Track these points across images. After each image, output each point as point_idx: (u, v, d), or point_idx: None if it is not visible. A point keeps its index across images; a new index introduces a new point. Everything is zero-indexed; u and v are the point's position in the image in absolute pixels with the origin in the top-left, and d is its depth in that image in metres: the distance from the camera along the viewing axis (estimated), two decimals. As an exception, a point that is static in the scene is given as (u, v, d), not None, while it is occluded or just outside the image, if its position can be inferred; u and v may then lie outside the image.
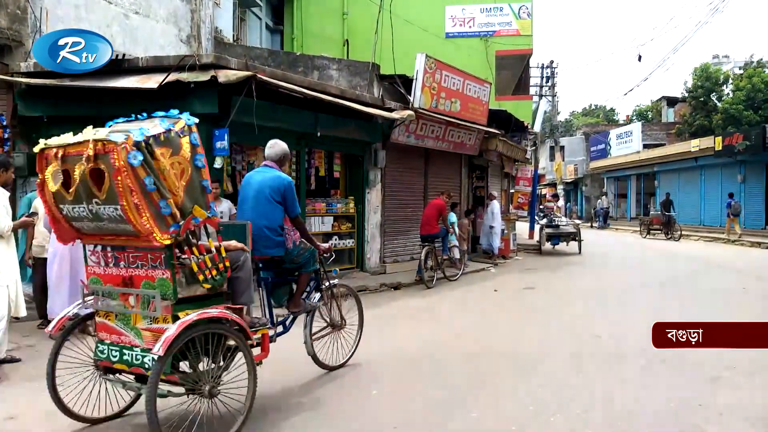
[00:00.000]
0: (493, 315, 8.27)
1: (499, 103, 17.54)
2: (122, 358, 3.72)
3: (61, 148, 3.74)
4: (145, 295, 3.57)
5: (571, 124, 59.38)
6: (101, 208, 3.48)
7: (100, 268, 3.91)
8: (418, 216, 11.83)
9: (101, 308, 3.84)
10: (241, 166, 9.36)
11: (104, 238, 3.74)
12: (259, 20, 17.34)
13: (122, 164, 3.27)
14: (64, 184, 3.61)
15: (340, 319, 5.53)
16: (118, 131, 3.48)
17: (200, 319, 3.55)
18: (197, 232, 3.73)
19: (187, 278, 3.60)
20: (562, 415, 4.26)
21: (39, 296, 6.47)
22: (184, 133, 3.82)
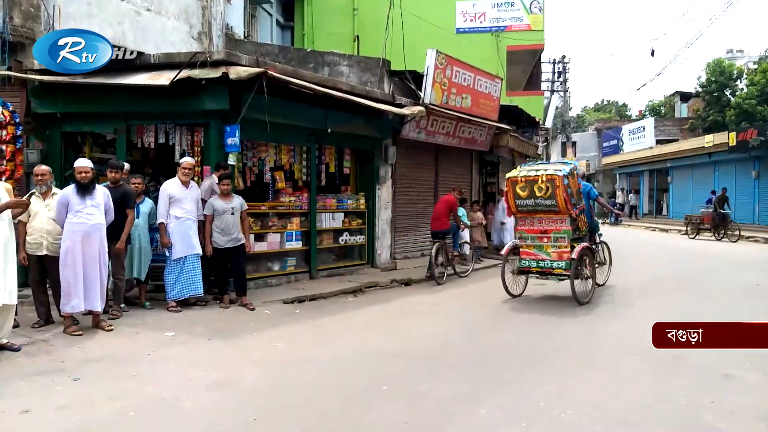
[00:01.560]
0: (504, 311, 8.24)
1: (510, 98, 17.47)
2: (537, 265, 8.43)
3: (524, 177, 8.30)
4: (557, 237, 8.22)
5: (583, 119, 58.98)
6: (539, 200, 8.14)
7: (526, 226, 8.49)
8: (428, 212, 11.81)
9: (526, 244, 8.50)
10: (252, 163, 9.39)
11: (534, 214, 8.35)
12: (270, 17, 17.37)
13: (559, 184, 7.96)
14: (521, 189, 8.26)
15: (605, 258, 9.88)
16: (557, 169, 8.18)
17: (584, 247, 8.30)
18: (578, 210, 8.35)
19: (575, 230, 8.24)
20: (573, 412, 4.24)
21: (38, 294, 6.47)
22: (575, 172, 8.42)
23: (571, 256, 8.04)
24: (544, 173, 8.09)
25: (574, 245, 8.18)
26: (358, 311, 8.01)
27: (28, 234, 6.28)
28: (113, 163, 7.29)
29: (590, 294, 8.47)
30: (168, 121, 8.38)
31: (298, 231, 9.82)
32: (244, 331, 6.62)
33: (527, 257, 8.50)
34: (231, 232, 7.74)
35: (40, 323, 6.42)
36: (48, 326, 6.41)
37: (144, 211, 7.49)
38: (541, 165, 8.69)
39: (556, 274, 8.38)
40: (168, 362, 5.39)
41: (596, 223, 9.49)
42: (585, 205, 8.72)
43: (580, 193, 8.58)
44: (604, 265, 9.84)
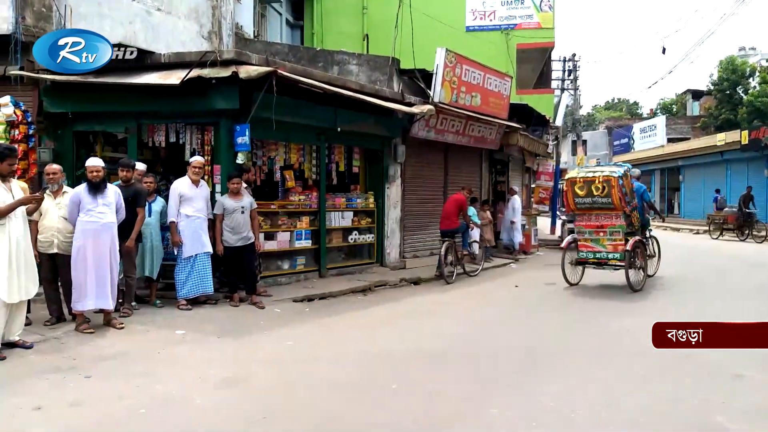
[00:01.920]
0: (514, 311, 8.22)
1: (520, 97, 17.40)
2: (594, 256, 9.45)
3: (582, 178, 9.32)
4: (612, 231, 9.21)
5: (593, 118, 58.66)
6: (596, 198, 9.10)
7: (584, 222, 9.54)
8: (438, 211, 11.79)
9: (584, 238, 9.53)
10: (262, 162, 9.41)
11: (591, 211, 9.36)
12: (280, 16, 17.41)
13: (615, 183, 8.91)
14: (579, 189, 9.24)
15: (654, 251, 10.58)
16: (612, 171, 9.17)
17: (637, 240, 9.21)
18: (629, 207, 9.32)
19: (629, 225, 9.24)
20: (584, 412, 4.22)
21: (49, 292, 6.51)
22: (629, 173, 9.41)
23: (626, 248, 9.07)
24: (601, 174, 9.18)
25: (628, 239, 9.20)
26: (367, 310, 8.02)
27: (40, 233, 6.33)
28: (124, 162, 7.33)
29: (642, 282, 9.37)
30: (178, 121, 8.42)
31: (308, 230, 9.84)
32: (254, 329, 6.65)
33: (585, 249, 9.61)
34: (241, 231, 7.76)
35: (51, 321, 6.48)
36: (60, 324, 6.46)
37: (156, 210, 7.53)
38: (598, 167, 9.97)
39: (612, 264, 9.41)
40: (178, 360, 5.42)
41: (647, 219, 10.29)
42: (638, 204, 9.62)
43: (633, 192, 9.46)
44: (654, 258, 10.59)
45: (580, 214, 9.66)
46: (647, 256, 9.94)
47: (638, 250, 9.40)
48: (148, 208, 7.38)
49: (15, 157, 5.65)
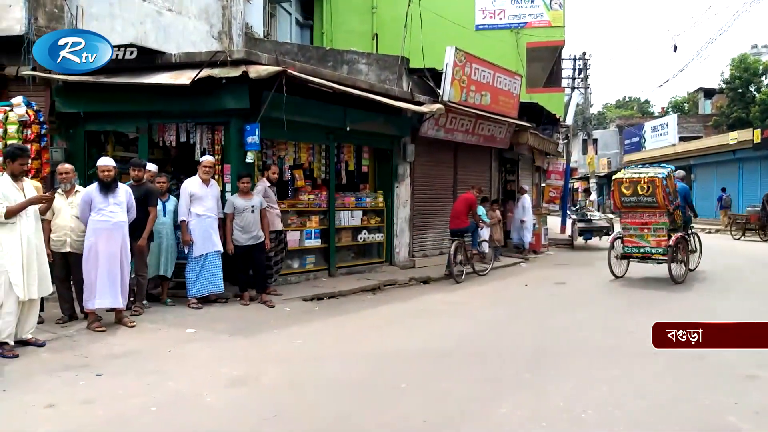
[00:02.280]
0: (523, 310, 8.19)
1: (530, 95, 17.32)
2: (638, 251, 10.11)
3: (628, 178, 10.03)
4: (656, 228, 9.86)
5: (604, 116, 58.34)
6: (642, 197, 9.78)
7: (629, 219, 10.24)
8: (447, 210, 11.78)
9: (629, 234, 10.21)
10: (272, 161, 9.43)
11: (636, 209, 10.01)
12: (289, 15, 17.44)
13: (659, 184, 9.61)
14: (625, 189, 9.92)
15: (696, 247, 11.16)
16: (657, 172, 9.84)
17: (679, 236, 9.80)
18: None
19: (672, 222, 9.82)
20: (594, 412, 4.20)
21: (62, 290, 6.56)
22: (672, 174, 9.98)
23: (669, 243, 9.78)
24: (646, 175, 9.90)
25: (671, 235, 9.88)
26: (376, 309, 8.02)
27: (53, 232, 6.38)
28: (135, 161, 7.39)
29: (684, 275, 10.09)
30: (189, 120, 8.46)
31: (317, 229, 9.86)
32: (264, 328, 6.67)
33: (630, 245, 10.33)
34: (251, 230, 7.79)
35: (64, 319, 6.53)
36: (72, 322, 6.52)
37: (170, 210, 7.58)
38: (643, 168, 10.67)
39: (655, 258, 10.13)
40: (189, 358, 5.45)
41: (689, 217, 10.87)
42: (680, 202, 10.25)
43: (676, 192, 10.13)
44: (695, 253, 11.24)
45: (625, 212, 10.38)
46: (689, 251, 10.62)
47: (680, 245, 10.06)
48: (163, 207, 7.44)
49: (26, 157, 5.69)
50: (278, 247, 8.57)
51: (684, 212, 10.48)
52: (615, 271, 10.47)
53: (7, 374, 4.84)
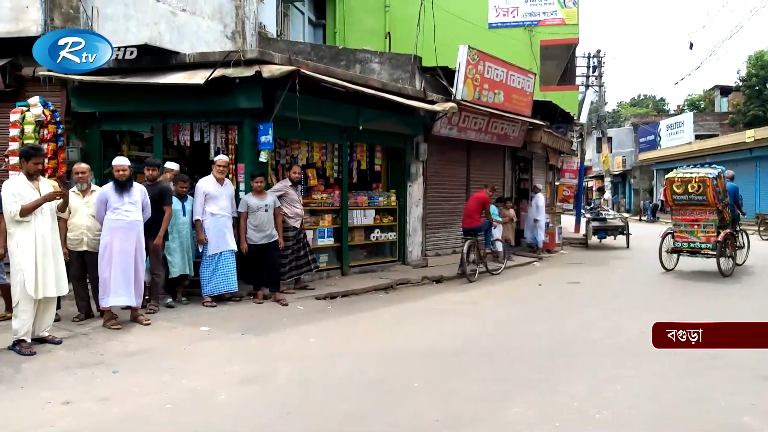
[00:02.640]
0: (537, 309, 8.15)
1: (543, 93, 17.22)
2: (688, 246, 10.81)
3: (680, 177, 10.71)
4: (706, 225, 10.54)
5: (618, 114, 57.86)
6: (693, 195, 10.51)
7: (680, 216, 10.93)
8: (460, 209, 11.75)
9: (680, 230, 10.90)
10: (285, 160, 9.47)
11: (687, 206, 10.71)
12: (302, 15, 17.47)
13: (709, 183, 10.29)
14: (677, 187, 10.70)
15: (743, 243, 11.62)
16: (707, 172, 10.49)
17: (728, 232, 10.47)
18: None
19: (721, 219, 10.47)
20: (608, 412, 4.17)
21: (78, 289, 6.63)
22: (722, 174, 10.56)
23: (717, 239, 10.40)
24: (697, 175, 10.56)
25: (720, 231, 10.47)
26: (389, 308, 8.03)
27: (69, 230, 6.46)
28: (150, 161, 7.45)
29: (731, 269, 10.69)
30: (203, 120, 8.52)
31: (330, 228, 9.88)
32: (277, 326, 6.70)
33: (680, 240, 11.00)
34: (265, 229, 7.84)
35: (80, 317, 6.61)
36: (88, 320, 6.59)
37: (190, 209, 7.62)
38: (694, 168, 11.35)
39: (704, 253, 10.72)
40: (203, 356, 5.49)
41: (738, 214, 11.37)
42: (730, 201, 10.81)
43: (726, 191, 10.73)
44: (743, 249, 11.78)
45: (676, 209, 11.10)
46: (737, 247, 11.26)
47: (728, 241, 10.70)
48: (182, 207, 7.47)
49: (41, 156, 5.74)
50: (298, 244, 8.58)
51: (732, 210, 10.97)
52: (666, 265, 11.13)
53: (24, 371, 4.91)
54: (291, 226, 8.44)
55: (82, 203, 6.52)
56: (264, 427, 3.88)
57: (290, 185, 8.41)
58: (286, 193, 8.35)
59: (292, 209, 8.42)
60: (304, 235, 8.76)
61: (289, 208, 8.39)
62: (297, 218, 8.51)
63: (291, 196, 8.41)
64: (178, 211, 7.39)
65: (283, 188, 8.34)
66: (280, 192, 8.31)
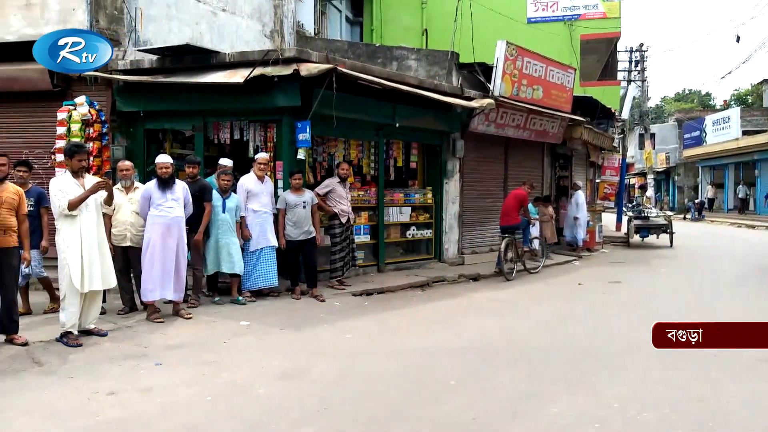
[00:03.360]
0: (576, 309, 8.02)
1: (584, 89, 16.91)
2: None
3: None
4: None
5: (662, 110, 56.36)
6: None
7: None
8: (497, 206, 11.64)
9: None
10: (322, 158, 9.55)
11: None
12: (339, 13, 17.56)
13: None
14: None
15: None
16: None
17: None
18: None
19: None
20: (650, 414, 4.07)
21: (122, 283, 6.77)
22: None
23: None
24: None
25: None
26: (425, 305, 8.01)
27: (114, 226, 6.64)
28: (191, 158, 7.60)
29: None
30: (242, 118, 8.65)
31: (366, 225, 9.92)
32: (315, 322, 6.76)
33: None
34: (303, 226, 7.91)
35: (124, 310, 6.80)
36: (132, 313, 6.78)
37: (230, 207, 7.67)
38: None
39: None
40: (242, 350, 5.58)
41: None
42: None
43: None
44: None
45: None
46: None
47: None
48: (222, 204, 7.47)
49: (84, 153, 5.89)
50: (345, 241, 8.62)
51: None
52: None
53: (71, 362, 5.08)
54: (338, 223, 8.48)
55: (126, 200, 6.70)
56: (301, 422, 3.92)
57: (338, 182, 8.49)
58: (333, 189, 8.43)
59: (339, 206, 8.48)
60: (351, 232, 8.79)
61: (336, 204, 8.45)
62: (344, 215, 8.56)
63: (338, 192, 8.48)
64: (217, 207, 7.45)
65: (330, 185, 8.43)
66: (328, 188, 8.38)
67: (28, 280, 6.68)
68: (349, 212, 8.68)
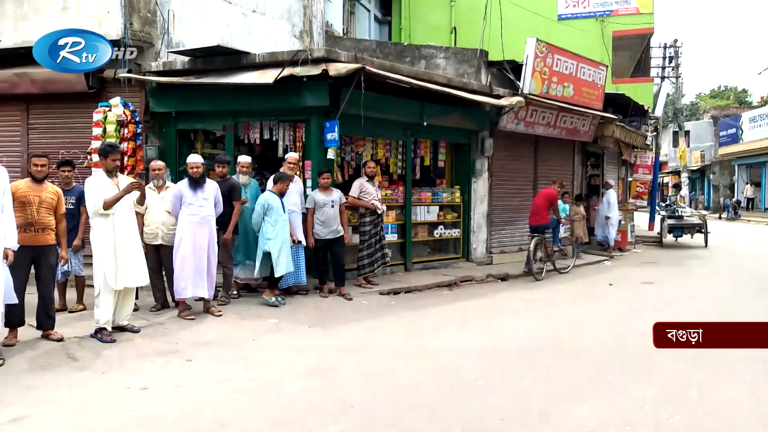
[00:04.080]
0: (607, 309, 7.90)
1: (616, 86, 16.63)
2: None
3: None
4: None
5: (697, 107, 55.05)
6: None
7: None
8: (526, 206, 11.53)
9: None
10: (350, 157, 9.59)
11: None
12: (368, 12, 17.59)
13: None
14: None
15: None
16: None
17: None
18: None
19: None
20: (682, 417, 3.99)
21: (154, 280, 6.90)
22: None
23: None
24: None
25: None
26: (453, 305, 7.98)
27: (146, 225, 6.77)
28: (220, 158, 7.71)
29: None
30: (272, 118, 8.74)
31: (394, 224, 9.93)
32: (342, 320, 6.80)
33: None
34: (331, 225, 7.96)
35: (156, 307, 6.94)
36: (164, 310, 6.91)
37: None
38: None
39: None
40: (271, 347, 5.65)
41: None
42: None
43: None
44: None
45: None
46: None
47: None
48: (283, 205, 7.40)
49: (118, 153, 6.03)
50: (375, 236, 8.63)
51: None
52: None
53: (105, 357, 5.20)
54: (368, 220, 8.50)
55: (158, 199, 6.83)
56: (329, 419, 3.95)
57: (366, 180, 8.53)
58: (362, 185, 8.48)
59: (372, 200, 8.52)
60: (381, 228, 8.81)
61: (369, 199, 8.49)
62: (378, 208, 8.60)
63: (367, 189, 8.52)
64: (279, 209, 7.27)
65: (360, 185, 8.46)
66: (361, 189, 8.44)
67: (67, 277, 6.87)
68: (380, 208, 8.71)
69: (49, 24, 8.55)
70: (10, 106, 9.16)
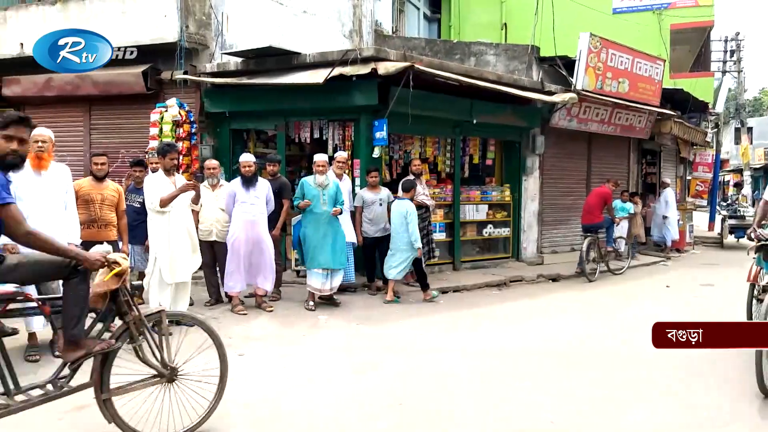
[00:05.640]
0: (664, 312, 7.64)
1: (674, 81, 16.06)
2: None
3: None
4: None
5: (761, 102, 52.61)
6: None
7: None
8: (579, 204, 11.28)
9: None
10: (398, 156, 9.60)
11: None
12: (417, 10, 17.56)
13: None
14: None
15: None
16: None
17: None
18: None
19: None
20: (737, 427, 3.82)
21: (209, 276, 7.11)
22: None
23: None
24: None
25: None
26: (502, 305, 7.89)
27: (200, 222, 6.98)
28: (271, 157, 7.87)
29: None
30: (322, 117, 8.85)
31: (442, 222, 9.89)
32: (390, 318, 6.83)
33: None
34: (379, 223, 8.00)
35: (210, 302, 7.14)
36: (217, 305, 7.10)
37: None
38: None
39: None
40: (320, 344, 5.73)
41: None
42: None
43: None
44: None
45: None
46: None
47: None
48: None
49: (175, 152, 6.22)
50: (423, 231, 8.59)
51: None
52: None
53: (162, 349, 5.37)
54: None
55: (213, 197, 7.02)
56: (375, 416, 3.98)
57: (413, 178, 8.53)
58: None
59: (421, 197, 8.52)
60: (429, 223, 8.80)
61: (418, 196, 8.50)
62: (428, 204, 8.62)
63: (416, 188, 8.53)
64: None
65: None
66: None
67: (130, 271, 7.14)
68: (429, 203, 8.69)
69: (108, 28, 8.83)
70: (74, 107, 9.60)
